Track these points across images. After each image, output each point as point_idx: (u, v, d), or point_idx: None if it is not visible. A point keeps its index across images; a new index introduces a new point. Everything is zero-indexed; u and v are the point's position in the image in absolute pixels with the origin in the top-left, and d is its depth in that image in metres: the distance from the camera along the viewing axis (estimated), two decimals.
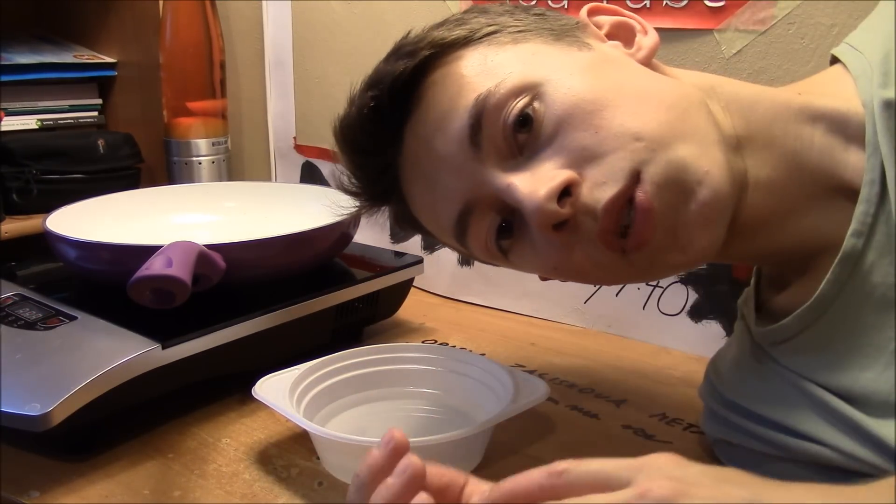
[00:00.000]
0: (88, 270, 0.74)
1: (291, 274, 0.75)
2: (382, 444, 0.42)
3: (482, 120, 0.50)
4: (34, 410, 0.55)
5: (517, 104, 0.49)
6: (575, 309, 0.90)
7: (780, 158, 0.51)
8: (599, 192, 0.47)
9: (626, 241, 0.48)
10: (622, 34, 0.56)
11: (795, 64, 0.72)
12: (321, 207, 0.84)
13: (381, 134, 0.56)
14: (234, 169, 1.19)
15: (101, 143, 1.11)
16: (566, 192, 0.47)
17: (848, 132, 0.49)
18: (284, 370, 0.63)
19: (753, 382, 0.54)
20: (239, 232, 0.75)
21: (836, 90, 0.51)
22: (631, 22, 0.56)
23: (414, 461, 0.40)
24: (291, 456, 0.62)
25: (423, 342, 0.84)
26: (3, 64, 1.11)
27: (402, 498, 0.39)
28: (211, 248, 0.65)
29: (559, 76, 0.50)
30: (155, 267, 0.59)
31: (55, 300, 0.70)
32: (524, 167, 0.49)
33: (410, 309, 0.89)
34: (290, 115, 1.13)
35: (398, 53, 0.55)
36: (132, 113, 1.22)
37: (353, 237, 0.82)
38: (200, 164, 1.12)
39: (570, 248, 0.49)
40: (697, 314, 0.81)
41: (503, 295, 0.95)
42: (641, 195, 0.46)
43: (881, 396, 0.46)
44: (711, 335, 0.80)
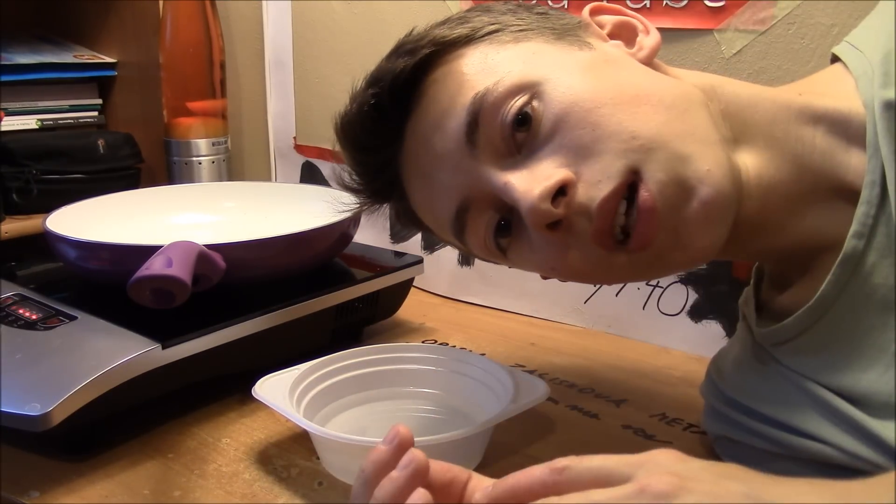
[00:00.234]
0: (88, 270, 0.74)
1: (291, 274, 0.75)
2: (387, 439, 0.42)
3: (479, 118, 0.50)
4: (34, 410, 0.55)
5: (516, 103, 0.49)
6: (575, 309, 0.90)
7: (781, 159, 0.50)
8: (594, 190, 0.47)
9: (626, 242, 0.48)
10: (624, 34, 0.55)
11: (795, 64, 0.72)
12: (321, 207, 0.84)
13: (381, 131, 0.56)
14: (234, 169, 1.19)
15: (101, 143, 1.11)
16: (562, 191, 0.47)
17: (849, 133, 0.49)
18: (284, 370, 0.63)
19: (755, 381, 0.54)
20: (239, 232, 0.75)
21: (836, 90, 0.51)
22: (633, 22, 0.56)
23: (418, 455, 0.41)
24: (291, 456, 0.62)
25: (423, 342, 0.84)
26: (3, 64, 1.11)
27: (404, 492, 0.40)
28: (211, 248, 0.65)
29: (558, 75, 0.50)
30: (155, 267, 0.59)
31: (55, 300, 0.70)
32: (522, 165, 0.49)
33: (410, 309, 0.89)
34: (290, 115, 1.13)
35: (399, 51, 0.55)
36: (132, 113, 1.22)
37: (353, 237, 0.82)
38: (200, 164, 1.12)
39: (565, 247, 0.50)
40: (697, 314, 0.81)
41: (503, 295, 0.95)
42: (645, 194, 0.46)
43: (882, 397, 0.46)
44: (711, 335, 0.80)
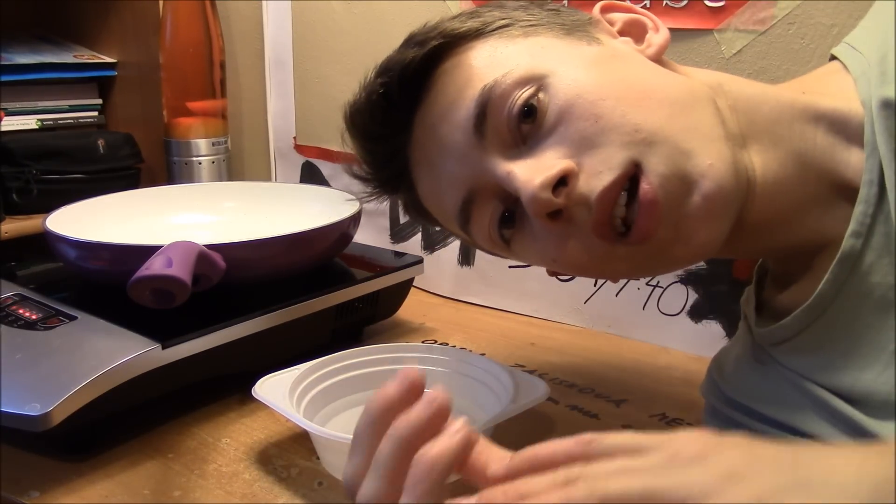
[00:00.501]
0: (88, 270, 0.74)
1: (291, 274, 0.75)
2: (397, 380, 0.38)
3: (487, 109, 0.51)
4: (34, 410, 0.55)
5: (522, 94, 0.50)
6: (575, 309, 0.90)
7: (785, 157, 0.51)
8: (595, 181, 0.47)
9: (627, 235, 0.48)
10: (634, 31, 0.56)
11: (795, 64, 0.72)
12: (321, 207, 0.84)
13: (389, 120, 0.56)
14: (234, 169, 1.19)
15: (101, 143, 1.11)
16: (563, 181, 0.48)
17: (848, 132, 0.49)
18: (284, 370, 0.63)
19: (755, 381, 0.54)
20: (239, 232, 0.75)
21: (836, 90, 0.51)
22: (643, 19, 0.56)
23: (444, 393, 0.37)
24: (291, 456, 0.62)
25: (423, 342, 0.84)
26: (3, 64, 1.11)
27: (426, 432, 0.36)
28: (211, 248, 0.65)
29: (565, 68, 0.50)
30: (155, 267, 0.59)
31: (55, 300, 0.70)
32: (526, 156, 0.50)
33: (410, 309, 0.89)
34: (290, 115, 1.13)
35: (410, 42, 0.56)
36: (132, 113, 1.22)
37: (353, 237, 0.82)
38: (200, 164, 1.12)
39: (566, 238, 0.50)
40: (697, 314, 0.81)
41: (503, 295, 0.95)
42: (647, 186, 0.46)
43: (881, 397, 0.46)
44: (711, 335, 0.80)
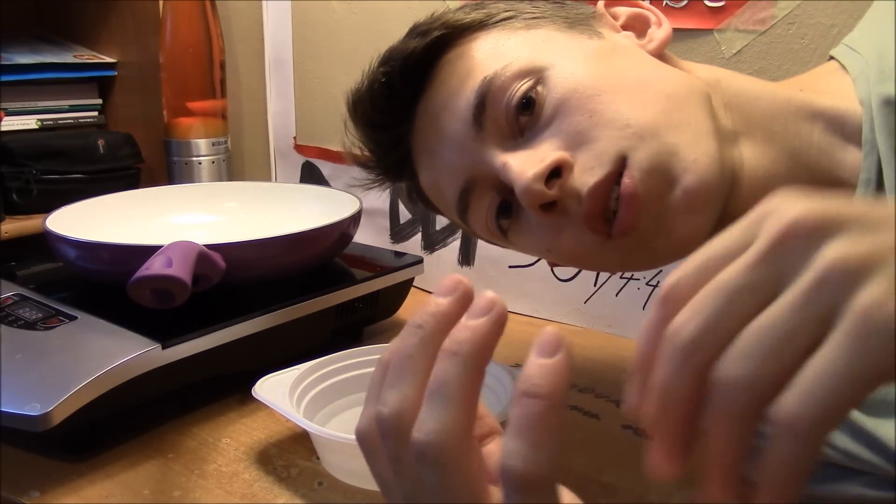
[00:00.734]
0: (88, 270, 0.74)
1: (291, 274, 0.75)
2: (446, 290, 0.33)
3: (487, 100, 0.51)
4: (34, 410, 0.55)
5: (521, 86, 0.50)
6: (575, 309, 0.90)
7: (779, 154, 0.51)
8: (587, 176, 0.48)
9: (611, 226, 0.48)
10: (637, 25, 0.57)
11: (795, 64, 0.72)
12: (321, 207, 0.84)
13: (391, 109, 0.57)
14: (234, 169, 1.18)
15: (101, 143, 1.11)
16: (556, 173, 0.48)
17: (845, 131, 0.49)
18: (284, 370, 0.63)
19: None
20: (239, 232, 0.75)
21: (835, 88, 0.51)
22: (646, 13, 0.57)
23: (499, 300, 0.32)
24: (291, 456, 0.62)
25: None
26: (3, 64, 1.11)
27: (489, 343, 0.32)
28: (211, 248, 0.65)
29: (564, 62, 0.51)
30: (155, 267, 0.59)
31: (55, 300, 0.70)
32: (522, 147, 0.50)
33: (410, 309, 0.89)
34: (290, 115, 1.13)
35: (413, 32, 0.57)
36: (132, 113, 1.22)
37: (353, 237, 0.82)
38: (200, 164, 1.12)
39: (560, 230, 0.50)
40: None
41: (503, 295, 0.93)
42: (627, 180, 0.47)
43: (879, 395, 0.45)
44: None
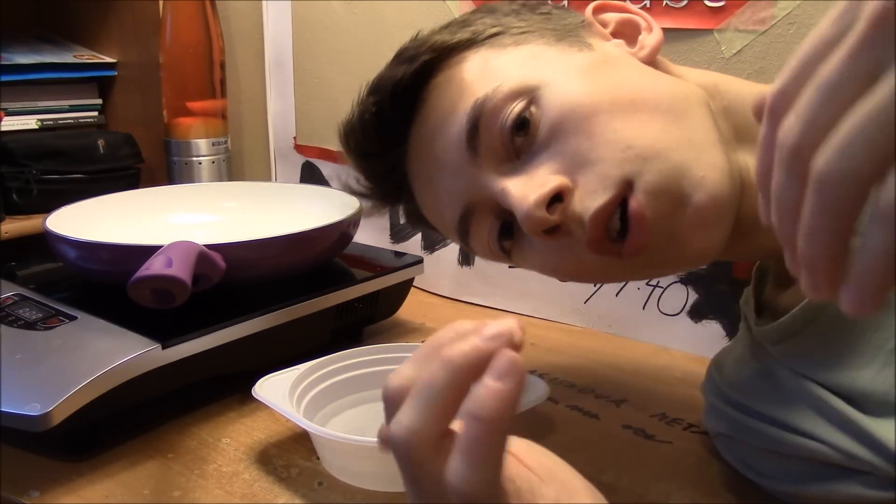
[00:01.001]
0: (88, 270, 0.74)
1: (291, 274, 0.75)
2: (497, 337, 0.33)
3: (480, 124, 0.50)
4: (34, 410, 0.55)
5: (514, 108, 0.49)
6: (575, 309, 0.90)
7: None
8: (589, 200, 0.47)
9: (621, 246, 0.48)
10: (627, 31, 0.55)
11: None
12: (321, 207, 0.84)
13: (383, 138, 0.56)
14: (234, 169, 1.18)
15: (101, 143, 1.11)
16: (558, 198, 0.47)
17: None
18: (284, 370, 0.63)
19: (754, 380, 0.54)
20: (239, 232, 0.75)
21: None
22: (636, 19, 0.55)
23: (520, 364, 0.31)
24: (291, 456, 0.62)
25: (423, 342, 0.83)
26: (3, 64, 1.11)
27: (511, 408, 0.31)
28: (211, 248, 0.65)
29: (556, 79, 0.50)
30: (155, 267, 0.59)
31: (55, 300, 0.70)
32: (520, 171, 0.50)
33: (410, 309, 0.89)
34: (290, 115, 1.13)
35: (400, 58, 0.56)
36: (132, 113, 1.22)
37: (353, 237, 0.82)
38: (200, 164, 1.12)
39: (564, 251, 0.50)
40: (697, 314, 0.81)
41: (503, 295, 0.95)
42: (634, 204, 0.46)
43: (879, 395, 0.46)
44: (711, 335, 0.80)
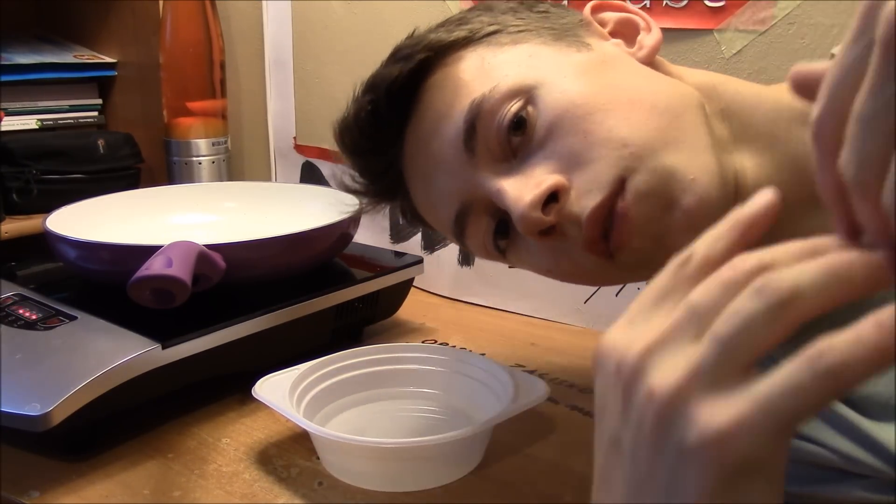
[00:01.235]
0: (88, 270, 0.74)
1: (291, 274, 0.75)
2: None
3: (476, 124, 0.50)
4: (34, 410, 0.55)
5: (511, 108, 0.49)
6: (575, 309, 0.90)
7: (782, 159, 0.50)
8: (585, 200, 0.47)
9: (608, 243, 0.48)
10: (626, 31, 0.55)
11: (795, 64, 0.72)
12: (321, 207, 0.84)
13: (379, 136, 0.56)
14: (234, 169, 1.18)
15: (101, 143, 1.11)
16: (553, 198, 0.47)
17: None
18: (284, 370, 0.63)
19: None
20: (239, 232, 0.75)
21: None
22: (635, 19, 0.55)
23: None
24: (291, 456, 0.62)
25: (423, 342, 0.84)
26: (3, 64, 1.11)
27: None
28: (211, 248, 0.65)
29: (553, 79, 0.50)
30: (155, 267, 0.59)
31: (55, 300, 0.70)
32: (516, 171, 0.49)
33: (410, 309, 0.89)
34: (290, 115, 1.13)
35: (396, 56, 0.55)
36: (132, 113, 1.22)
37: (353, 237, 0.82)
38: (200, 164, 1.12)
39: (559, 252, 0.50)
40: None
41: (503, 295, 0.95)
42: (621, 203, 0.46)
43: (881, 399, 0.45)
44: None
